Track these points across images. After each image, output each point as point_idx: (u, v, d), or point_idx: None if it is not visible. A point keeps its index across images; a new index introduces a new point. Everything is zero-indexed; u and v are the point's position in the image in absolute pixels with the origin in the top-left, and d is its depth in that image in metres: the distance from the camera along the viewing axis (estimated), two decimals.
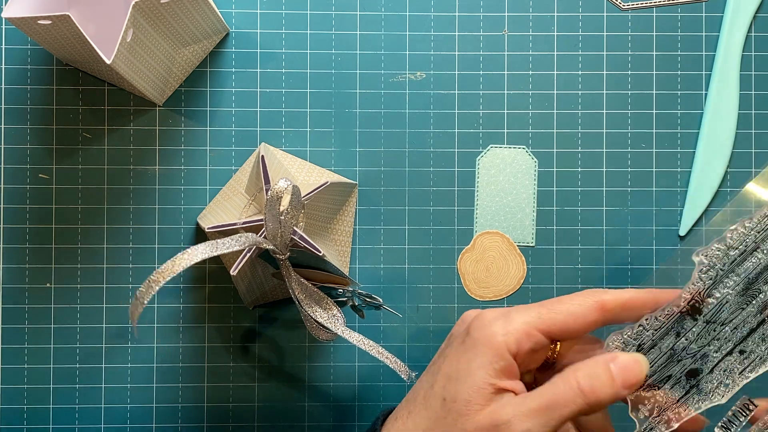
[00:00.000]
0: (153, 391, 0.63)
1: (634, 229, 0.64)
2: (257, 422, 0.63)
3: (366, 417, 0.64)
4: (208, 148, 0.63)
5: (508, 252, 0.64)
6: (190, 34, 0.60)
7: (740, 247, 0.48)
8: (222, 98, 0.63)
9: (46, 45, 0.58)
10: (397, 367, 0.56)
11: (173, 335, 0.63)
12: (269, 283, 0.60)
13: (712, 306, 0.48)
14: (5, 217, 0.63)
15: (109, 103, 0.63)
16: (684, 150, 0.64)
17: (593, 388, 0.44)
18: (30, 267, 0.63)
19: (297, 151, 0.63)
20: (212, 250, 0.51)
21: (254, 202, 0.59)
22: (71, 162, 0.63)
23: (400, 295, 0.64)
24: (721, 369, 0.48)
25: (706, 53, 0.64)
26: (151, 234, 0.63)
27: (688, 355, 0.48)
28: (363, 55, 0.64)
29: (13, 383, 0.63)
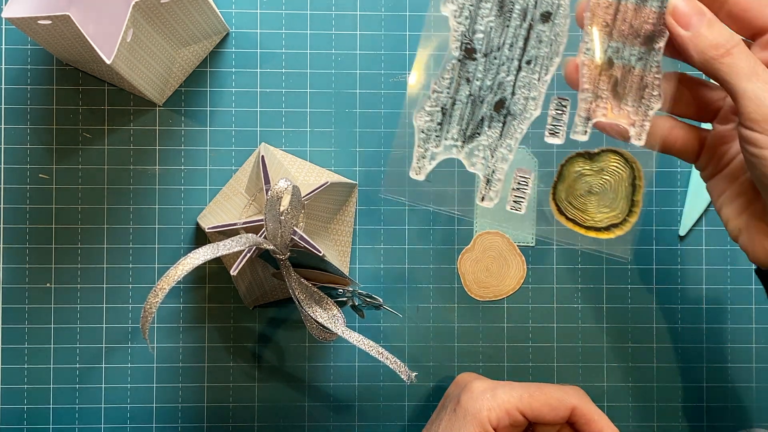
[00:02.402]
0: (153, 391, 0.63)
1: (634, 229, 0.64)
2: (257, 422, 0.63)
3: (366, 417, 0.64)
4: (208, 148, 0.63)
5: (508, 252, 0.64)
6: (190, 34, 0.60)
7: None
8: (222, 98, 0.63)
9: (46, 45, 0.58)
10: (397, 368, 0.56)
11: (173, 335, 0.63)
12: (269, 283, 0.60)
13: (481, 40, 0.50)
14: (5, 217, 0.63)
15: (109, 103, 0.63)
16: None
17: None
18: (30, 267, 0.63)
19: (297, 151, 0.63)
20: (213, 252, 0.51)
21: (254, 202, 0.59)
22: (71, 162, 0.63)
23: (400, 295, 0.64)
24: (520, 87, 0.50)
25: None
26: (151, 234, 0.63)
27: (486, 93, 0.50)
28: (363, 55, 0.64)
29: (13, 383, 0.63)
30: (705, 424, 0.64)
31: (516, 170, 0.52)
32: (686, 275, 0.64)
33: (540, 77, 0.50)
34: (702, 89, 0.51)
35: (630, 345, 0.64)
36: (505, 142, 0.51)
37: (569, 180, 0.52)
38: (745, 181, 0.49)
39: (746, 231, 0.49)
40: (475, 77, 0.50)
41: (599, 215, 0.52)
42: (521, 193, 0.52)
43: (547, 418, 0.52)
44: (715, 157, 0.51)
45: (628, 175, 0.52)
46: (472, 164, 0.52)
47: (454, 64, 0.50)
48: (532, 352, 0.64)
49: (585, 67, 0.50)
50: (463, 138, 0.51)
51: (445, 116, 0.51)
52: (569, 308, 0.64)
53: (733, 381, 0.64)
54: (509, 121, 0.51)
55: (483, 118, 0.51)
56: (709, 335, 0.64)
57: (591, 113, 0.50)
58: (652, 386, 0.64)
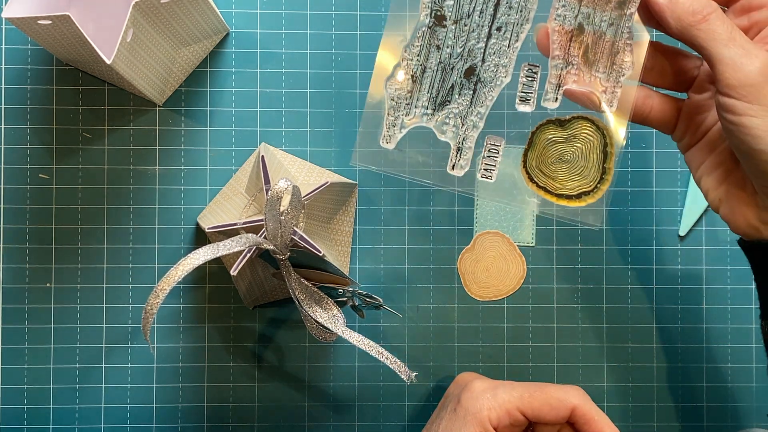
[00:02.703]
0: (153, 391, 0.63)
1: (634, 229, 0.64)
2: (257, 422, 0.63)
3: (366, 417, 0.64)
4: (208, 148, 0.63)
5: (508, 252, 0.64)
6: (190, 34, 0.60)
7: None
8: (222, 98, 0.63)
9: (46, 45, 0.58)
10: (397, 368, 0.56)
11: (173, 335, 0.63)
12: (269, 283, 0.60)
13: (451, 6, 0.50)
14: (5, 217, 0.63)
15: (109, 103, 0.63)
16: None
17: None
18: (30, 267, 0.63)
19: (297, 151, 0.63)
20: (214, 252, 0.51)
21: (254, 202, 0.59)
22: (71, 162, 0.63)
23: (400, 295, 0.64)
24: (490, 54, 0.50)
25: None
26: (151, 234, 0.63)
27: (456, 60, 0.50)
28: (363, 55, 0.64)
29: (13, 383, 0.63)
30: (705, 424, 0.64)
31: (486, 138, 0.52)
32: (686, 275, 0.64)
33: (510, 44, 0.50)
34: (677, 58, 0.51)
35: (630, 345, 0.64)
36: (475, 109, 0.51)
37: (540, 147, 0.52)
38: (723, 150, 0.49)
39: (726, 201, 0.49)
40: (445, 44, 0.50)
41: (570, 183, 0.52)
42: (492, 162, 0.52)
43: (548, 418, 0.52)
44: (692, 127, 0.51)
45: (600, 142, 0.51)
46: (442, 132, 0.52)
47: (424, 31, 0.51)
48: (532, 352, 0.64)
49: (556, 33, 0.49)
50: (434, 106, 0.51)
51: (415, 84, 0.51)
52: (569, 308, 0.64)
53: (733, 381, 0.64)
54: (479, 88, 0.51)
55: (453, 86, 0.51)
56: (709, 335, 0.64)
57: (562, 80, 0.50)
58: (652, 386, 0.64)
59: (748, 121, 0.44)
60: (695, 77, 0.51)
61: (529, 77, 0.51)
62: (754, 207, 0.48)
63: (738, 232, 0.49)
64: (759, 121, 0.44)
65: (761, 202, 0.47)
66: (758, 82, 0.44)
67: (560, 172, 0.52)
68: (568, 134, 0.52)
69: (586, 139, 0.52)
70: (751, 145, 0.44)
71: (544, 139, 0.52)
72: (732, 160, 0.49)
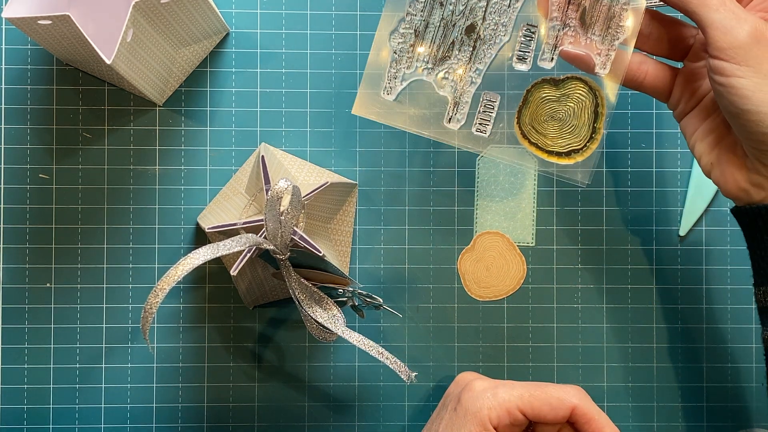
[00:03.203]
0: (153, 391, 0.63)
1: (634, 229, 0.64)
2: (257, 422, 0.63)
3: (366, 417, 0.64)
4: (208, 148, 0.63)
5: (508, 252, 0.64)
6: (190, 34, 0.60)
7: None
8: (222, 98, 0.63)
9: (46, 45, 0.58)
10: (397, 368, 0.56)
11: (173, 335, 0.63)
12: (269, 283, 0.60)
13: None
14: (5, 217, 0.63)
15: (109, 103, 0.63)
16: (684, 150, 0.64)
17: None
18: (30, 267, 0.63)
19: (297, 151, 0.63)
20: (213, 252, 0.51)
21: (254, 202, 0.59)
22: (71, 162, 0.63)
23: (400, 295, 0.64)
24: (491, 13, 0.52)
25: None
26: (151, 234, 0.63)
27: (458, 17, 0.52)
28: (362, 55, 0.64)
29: (13, 383, 0.63)
30: (705, 424, 0.64)
31: (483, 93, 0.54)
32: (686, 275, 0.64)
33: (511, 3, 0.52)
34: (673, 26, 0.53)
35: (630, 345, 0.64)
36: (474, 66, 0.53)
37: (534, 105, 0.54)
38: (716, 117, 0.51)
39: (718, 165, 0.51)
40: (448, 1, 0.52)
41: (561, 141, 0.54)
42: (486, 116, 0.54)
43: (548, 418, 0.52)
44: (687, 94, 0.53)
45: (591, 102, 0.53)
46: (441, 87, 0.54)
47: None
48: (532, 352, 0.64)
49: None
50: (434, 61, 0.53)
51: (417, 38, 0.53)
52: (569, 308, 0.64)
53: (733, 381, 0.64)
54: (479, 45, 0.53)
55: (453, 42, 0.53)
56: (709, 335, 0.64)
57: (558, 41, 0.52)
58: (652, 386, 0.64)
59: (737, 81, 0.46)
60: (691, 46, 0.53)
61: (527, 36, 0.53)
62: (743, 169, 0.50)
63: (729, 195, 0.51)
64: (747, 81, 0.46)
65: (750, 164, 0.49)
66: (746, 44, 0.46)
67: (552, 130, 0.54)
68: (561, 93, 0.54)
69: (578, 99, 0.54)
70: (739, 106, 0.46)
71: (538, 98, 0.54)
72: (724, 125, 0.51)
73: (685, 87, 0.53)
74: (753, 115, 0.46)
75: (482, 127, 0.54)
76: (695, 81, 0.52)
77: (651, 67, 0.53)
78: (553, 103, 0.54)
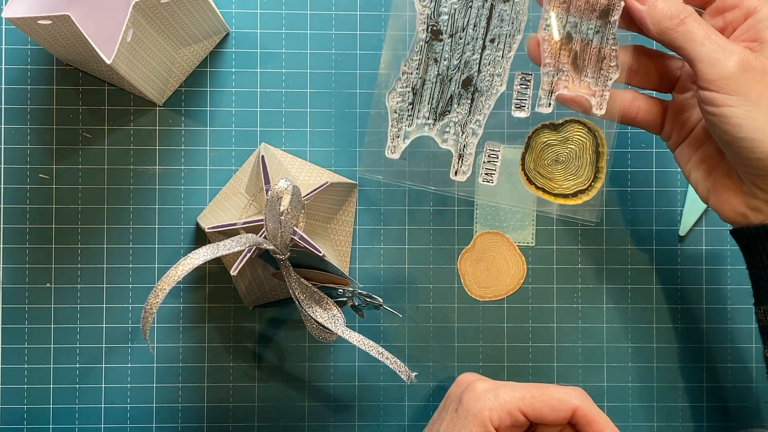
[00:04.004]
0: (153, 391, 0.63)
1: (634, 229, 0.64)
2: (257, 422, 0.63)
3: (366, 417, 0.64)
4: (208, 148, 0.63)
5: (508, 252, 0.64)
6: (190, 34, 0.60)
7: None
8: (222, 98, 0.63)
9: (46, 45, 0.58)
10: (397, 368, 0.56)
11: (173, 335, 0.63)
12: (269, 283, 0.60)
13: (446, 21, 0.53)
14: (5, 217, 0.63)
15: (109, 103, 0.63)
16: None
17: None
18: (30, 267, 0.63)
19: (297, 151, 0.63)
20: (213, 252, 0.51)
21: (254, 202, 0.59)
22: (71, 162, 0.63)
23: (400, 295, 0.64)
24: (485, 65, 0.53)
25: None
26: (151, 234, 0.63)
27: (453, 72, 0.53)
28: (363, 55, 0.64)
29: (13, 383, 0.63)
30: (705, 424, 0.64)
31: (486, 144, 0.55)
32: (686, 275, 0.64)
33: (504, 54, 0.53)
34: (660, 60, 0.55)
35: (630, 345, 0.64)
36: (474, 117, 0.54)
37: (537, 150, 0.55)
38: (709, 145, 0.53)
39: (714, 191, 0.52)
40: (442, 57, 0.53)
41: (566, 183, 0.55)
42: (492, 166, 0.55)
43: (549, 419, 0.52)
44: (678, 124, 0.54)
45: (592, 143, 0.55)
46: (444, 141, 0.54)
47: (422, 45, 0.53)
48: (532, 352, 0.64)
49: (546, 42, 0.52)
50: (434, 116, 0.54)
51: (416, 96, 0.54)
52: (569, 308, 0.64)
53: (733, 381, 0.64)
54: (477, 97, 0.53)
55: (452, 96, 0.53)
56: (709, 335, 0.64)
57: (554, 86, 0.53)
58: (652, 386, 0.64)
59: (728, 111, 0.47)
60: (678, 78, 0.55)
61: (523, 85, 0.54)
62: (740, 194, 0.51)
63: (727, 220, 0.52)
64: (738, 110, 0.47)
65: (747, 188, 0.50)
66: (735, 74, 0.47)
67: (557, 173, 0.56)
68: (562, 137, 0.55)
69: (579, 140, 0.55)
70: (732, 134, 0.47)
71: (540, 143, 0.55)
72: (717, 153, 0.52)
73: (676, 118, 0.54)
74: (746, 141, 0.47)
75: (488, 177, 0.55)
76: (685, 112, 0.54)
77: (642, 103, 0.54)
78: (555, 147, 0.55)
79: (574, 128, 0.55)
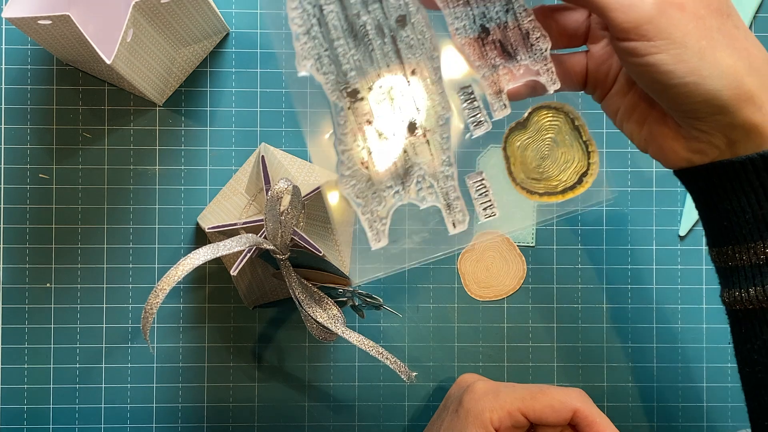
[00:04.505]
0: (153, 391, 0.63)
1: (634, 229, 0.64)
2: (257, 422, 0.63)
3: (366, 417, 0.64)
4: (208, 148, 0.63)
5: (508, 252, 0.64)
6: (190, 34, 0.60)
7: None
8: (222, 98, 0.63)
9: (46, 45, 0.58)
10: (397, 368, 0.56)
11: (173, 335, 0.63)
12: (269, 283, 0.60)
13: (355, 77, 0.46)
14: (5, 217, 0.63)
15: (109, 103, 0.63)
16: None
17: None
18: (30, 267, 0.63)
19: (297, 151, 0.63)
20: (214, 252, 0.51)
21: (254, 202, 0.59)
22: (71, 162, 0.63)
23: (400, 295, 0.64)
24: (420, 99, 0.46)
25: None
26: (151, 234, 0.63)
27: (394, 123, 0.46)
28: None
29: (13, 383, 0.63)
30: (705, 424, 0.64)
31: (466, 179, 0.48)
32: (686, 275, 0.64)
33: (432, 80, 0.47)
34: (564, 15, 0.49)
35: (630, 345, 0.64)
36: (439, 160, 0.47)
37: (518, 158, 0.50)
38: (635, 92, 0.48)
39: (652, 141, 0.47)
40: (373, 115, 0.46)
41: (564, 174, 0.50)
42: (485, 198, 0.49)
43: (549, 420, 0.52)
44: (599, 76, 0.49)
45: (565, 122, 0.50)
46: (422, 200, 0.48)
47: (345, 113, 0.46)
48: (532, 352, 0.64)
49: (466, 46, 0.47)
50: (399, 180, 0.47)
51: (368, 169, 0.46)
52: (569, 308, 0.64)
53: (733, 381, 0.64)
54: (430, 136, 0.47)
55: (405, 150, 0.47)
56: (708, 335, 0.64)
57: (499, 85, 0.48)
58: (652, 386, 0.64)
59: (654, 59, 0.42)
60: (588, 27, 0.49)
61: (468, 101, 0.48)
62: (680, 139, 0.46)
63: (671, 165, 0.47)
64: (665, 56, 0.42)
65: (685, 132, 0.45)
66: (653, 17, 0.42)
67: (550, 170, 0.51)
68: (533, 131, 0.50)
69: (551, 125, 0.50)
70: (663, 82, 0.43)
71: (516, 148, 0.50)
72: (646, 99, 0.47)
73: (597, 71, 0.49)
74: (681, 87, 0.42)
75: (489, 210, 0.49)
76: (604, 62, 0.48)
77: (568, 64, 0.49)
78: (533, 144, 0.50)
79: (541, 116, 0.50)
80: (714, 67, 0.42)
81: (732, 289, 0.46)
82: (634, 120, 0.48)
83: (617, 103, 0.48)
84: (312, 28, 0.45)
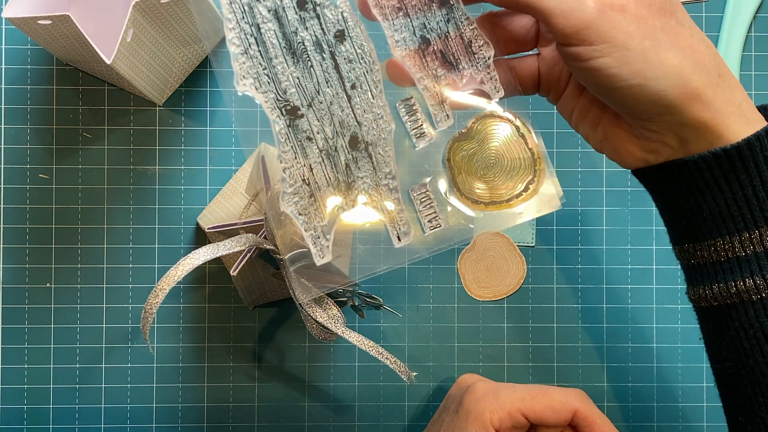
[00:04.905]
0: (153, 391, 0.63)
1: (634, 229, 0.64)
2: (257, 422, 0.63)
3: (366, 417, 0.64)
4: (208, 148, 0.63)
5: (508, 252, 0.64)
6: (190, 34, 0.60)
7: None
8: (222, 98, 0.63)
9: (46, 45, 0.58)
10: (397, 368, 0.56)
11: (173, 335, 0.63)
12: (269, 283, 0.60)
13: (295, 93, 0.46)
14: (5, 217, 0.63)
15: (109, 103, 0.63)
16: None
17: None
18: (30, 267, 0.63)
19: None
20: (213, 252, 0.51)
21: (254, 202, 0.59)
22: (71, 162, 0.63)
23: (400, 295, 0.64)
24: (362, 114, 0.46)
25: None
26: (151, 234, 0.63)
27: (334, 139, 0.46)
28: None
29: (13, 383, 0.63)
30: (705, 424, 0.64)
31: (410, 191, 0.48)
32: None
33: (373, 94, 0.47)
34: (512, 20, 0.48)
35: (630, 345, 0.64)
36: (382, 173, 0.47)
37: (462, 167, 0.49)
38: (587, 95, 0.47)
39: (607, 141, 0.47)
40: (313, 131, 0.46)
41: (511, 182, 0.49)
42: (430, 209, 0.48)
43: (550, 421, 0.52)
44: (552, 79, 0.49)
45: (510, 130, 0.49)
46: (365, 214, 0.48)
47: (286, 131, 0.46)
48: (532, 352, 0.64)
49: (407, 58, 0.47)
50: (342, 194, 0.47)
51: (310, 186, 0.47)
52: (569, 308, 0.64)
53: None
54: (373, 151, 0.47)
55: (347, 164, 0.47)
56: None
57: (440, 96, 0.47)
58: (652, 386, 0.64)
59: (597, 63, 0.42)
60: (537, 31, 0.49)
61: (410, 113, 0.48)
62: (634, 140, 0.45)
63: (627, 166, 0.47)
64: (608, 60, 0.42)
65: (638, 132, 0.45)
66: (594, 20, 0.41)
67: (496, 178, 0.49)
68: (478, 140, 0.49)
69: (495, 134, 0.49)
70: (609, 86, 0.42)
71: (461, 158, 0.49)
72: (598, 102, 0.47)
73: (548, 73, 0.48)
74: (626, 90, 0.42)
75: (434, 222, 0.48)
76: (555, 65, 0.48)
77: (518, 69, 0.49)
78: (478, 154, 0.49)
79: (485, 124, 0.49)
80: (658, 68, 0.42)
81: (696, 286, 0.46)
82: (588, 122, 0.48)
83: (571, 105, 0.48)
84: (250, 48, 0.45)
